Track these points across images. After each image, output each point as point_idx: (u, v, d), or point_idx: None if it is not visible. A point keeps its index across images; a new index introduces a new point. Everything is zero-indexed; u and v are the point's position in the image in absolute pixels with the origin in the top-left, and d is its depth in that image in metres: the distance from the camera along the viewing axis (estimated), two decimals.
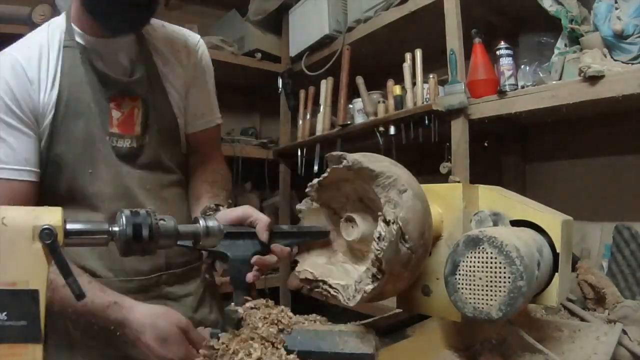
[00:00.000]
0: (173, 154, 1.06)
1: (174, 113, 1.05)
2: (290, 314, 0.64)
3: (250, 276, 0.72)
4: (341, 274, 0.71)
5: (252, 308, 0.63)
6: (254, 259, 0.72)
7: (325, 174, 0.69)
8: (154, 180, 1.00)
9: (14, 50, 0.93)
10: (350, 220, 0.68)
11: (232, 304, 0.66)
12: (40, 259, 0.48)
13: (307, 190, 0.73)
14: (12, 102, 0.88)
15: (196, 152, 1.13)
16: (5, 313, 0.45)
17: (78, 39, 0.94)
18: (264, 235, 0.74)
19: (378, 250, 0.58)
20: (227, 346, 0.57)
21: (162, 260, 1.00)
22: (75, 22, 0.95)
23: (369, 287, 0.61)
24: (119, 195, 0.95)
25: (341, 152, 0.65)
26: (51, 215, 0.49)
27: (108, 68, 0.95)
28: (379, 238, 0.59)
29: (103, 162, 0.95)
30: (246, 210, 0.80)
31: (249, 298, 0.67)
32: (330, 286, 0.67)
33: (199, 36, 1.12)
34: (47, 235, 0.48)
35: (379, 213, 0.61)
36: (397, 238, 0.59)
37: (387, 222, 0.59)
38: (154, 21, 1.01)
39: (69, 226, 0.51)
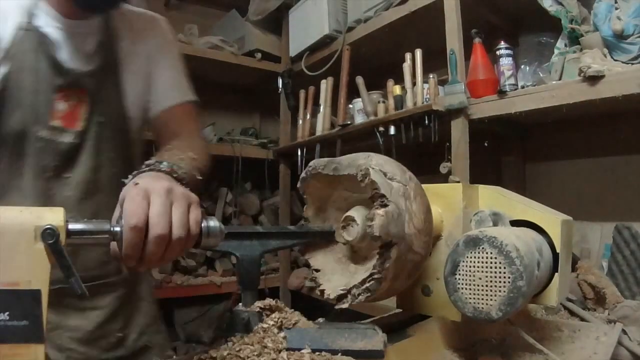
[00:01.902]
0: (117, 147, 0.98)
1: (123, 105, 0.98)
2: (301, 316, 0.64)
3: None
4: (344, 274, 0.71)
5: (261, 309, 0.63)
6: None
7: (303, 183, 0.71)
8: (85, 183, 0.93)
9: None
10: (351, 219, 0.68)
11: (241, 304, 0.66)
12: (42, 259, 0.48)
13: (298, 185, 0.74)
14: None
15: (165, 134, 1.03)
16: (7, 313, 0.45)
17: (42, 19, 0.90)
18: None
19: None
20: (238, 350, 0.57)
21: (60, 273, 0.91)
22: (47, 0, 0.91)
23: (373, 285, 0.61)
24: (38, 197, 0.89)
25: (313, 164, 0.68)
26: (53, 215, 0.49)
27: (67, 55, 0.91)
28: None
29: (31, 160, 0.89)
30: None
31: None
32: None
33: (161, 16, 1.08)
34: (49, 235, 0.47)
35: (375, 204, 0.62)
36: (381, 175, 0.60)
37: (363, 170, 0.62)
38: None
39: (71, 226, 0.51)
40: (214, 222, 0.64)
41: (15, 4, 0.89)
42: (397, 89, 1.69)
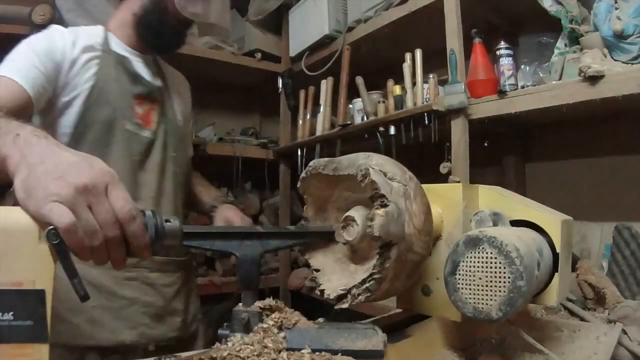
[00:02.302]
0: (178, 152, 1.23)
1: (179, 120, 1.27)
2: (301, 316, 0.64)
3: None
4: (344, 274, 0.71)
5: (261, 309, 0.63)
6: None
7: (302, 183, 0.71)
8: (159, 176, 1.17)
9: (65, 30, 1.10)
10: (351, 219, 0.68)
11: (240, 304, 0.66)
12: (47, 259, 0.48)
13: (298, 185, 0.74)
14: (50, 61, 1.03)
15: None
16: (11, 313, 0.45)
17: (114, 48, 1.15)
18: None
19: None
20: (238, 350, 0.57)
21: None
22: (116, 33, 1.17)
23: (373, 285, 0.61)
24: (126, 182, 1.05)
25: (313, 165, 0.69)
26: None
27: (140, 71, 1.17)
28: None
29: (119, 148, 1.09)
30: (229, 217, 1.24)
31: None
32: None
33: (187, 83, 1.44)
34: (53, 236, 0.47)
35: (375, 204, 0.62)
36: (381, 175, 0.61)
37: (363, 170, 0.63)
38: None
39: None
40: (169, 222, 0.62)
41: (86, 31, 1.13)
42: (397, 89, 1.69)
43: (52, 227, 0.48)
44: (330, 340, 0.60)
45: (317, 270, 0.73)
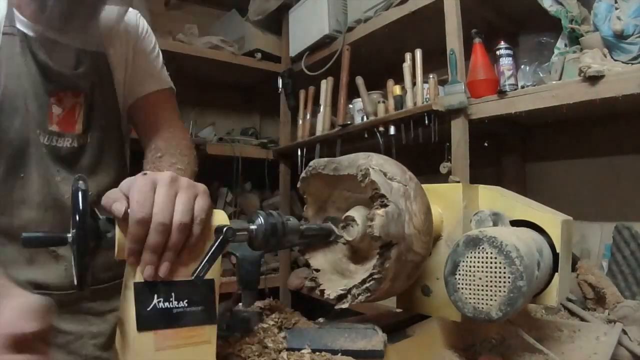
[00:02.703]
0: (116, 153, 0.98)
1: (119, 109, 0.97)
2: (301, 316, 0.64)
3: None
4: (344, 274, 0.71)
5: (261, 309, 0.63)
6: None
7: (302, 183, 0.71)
8: (91, 187, 0.89)
9: None
10: (351, 219, 0.68)
11: (241, 304, 0.66)
12: None
13: (298, 185, 0.74)
14: None
15: (145, 124, 1.00)
16: (186, 301, 0.52)
17: (20, 27, 0.85)
18: None
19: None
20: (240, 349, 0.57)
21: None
22: (18, 8, 0.85)
23: (372, 285, 0.61)
24: (47, 203, 0.87)
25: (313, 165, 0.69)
26: (219, 216, 0.57)
27: (52, 59, 0.86)
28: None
29: (35, 167, 0.86)
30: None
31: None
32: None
33: (136, 10, 1.02)
34: (231, 234, 0.53)
35: (375, 204, 0.62)
36: (381, 175, 0.62)
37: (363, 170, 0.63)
38: (113, 13, 0.91)
39: (234, 226, 0.57)
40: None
41: None
42: (397, 89, 1.69)
43: (227, 226, 0.54)
44: (330, 340, 0.60)
45: (317, 270, 0.73)
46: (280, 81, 2.30)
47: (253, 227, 0.59)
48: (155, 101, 1.01)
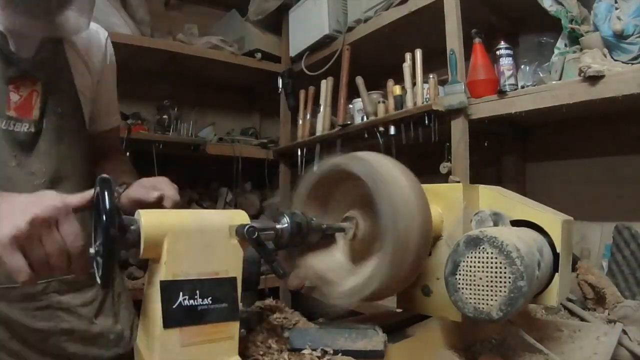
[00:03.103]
0: (75, 140, 0.99)
1: (79, 98, 1.00)
2: (301, 316, 0.64)
3: None
4: (341, 272, 0.71)
5: (261, 308, 0.63)
6: None
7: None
8: (49, 173, 0.94)
9: None
10: (351, 219, 0.68)
11: (241, 304, 0.66)
12: (237, 251, 0.57)
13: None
14: None
15: (100, 151, 1.11)
16: (210, 298, 0.54)
17: None
18: None
19: None
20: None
21: None
22: None
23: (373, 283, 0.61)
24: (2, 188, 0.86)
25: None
26: (240, 216, 0.59)
27: (15, 47, 0.90)
28: None
29: None
30: (155, 182, 0.83)
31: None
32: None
33: (106, 32, 1.09)
34: (252, 232, 0.56)
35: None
36: None
37: None
38: (81, 14, 0.94)
39: (256, 224, 0.59)
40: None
41: None
42: (397, 89, 1.69)
43: (249, 224, 0.56)
44: (331, 340, 0.60)
45: (315, 268, 0.73)
46: (280, 81, 2.30)
47: (279, 226, 0.62)
48: (110, 136, 1.15)
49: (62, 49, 0.98)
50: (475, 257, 0.61)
